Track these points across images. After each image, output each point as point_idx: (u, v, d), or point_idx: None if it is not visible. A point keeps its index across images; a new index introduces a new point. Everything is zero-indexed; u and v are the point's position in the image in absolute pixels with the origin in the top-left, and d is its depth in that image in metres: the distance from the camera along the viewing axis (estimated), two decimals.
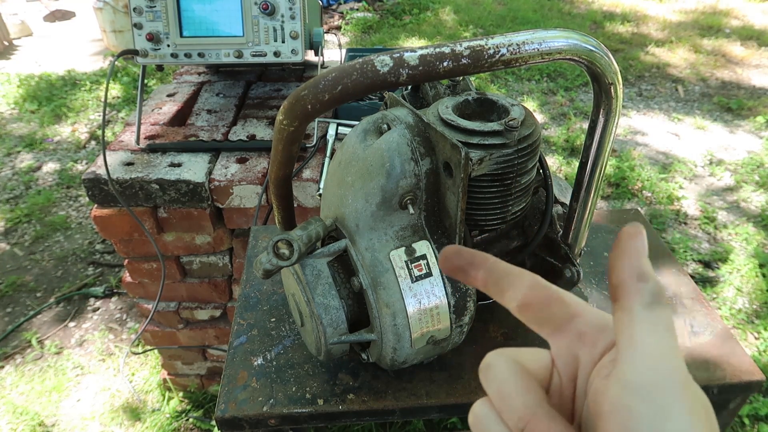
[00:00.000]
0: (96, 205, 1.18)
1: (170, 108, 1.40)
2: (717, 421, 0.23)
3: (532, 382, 0.26)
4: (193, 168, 1.15)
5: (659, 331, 0.23)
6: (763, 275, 2.03)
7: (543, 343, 0.28)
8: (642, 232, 0.24)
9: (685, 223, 2.33)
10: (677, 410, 0.21)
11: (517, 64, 0.46)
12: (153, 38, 1.16)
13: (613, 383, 0.23)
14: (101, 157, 1.12)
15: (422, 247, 0.55)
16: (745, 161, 2.70)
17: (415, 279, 0.54)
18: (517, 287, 0.27)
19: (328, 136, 1.24)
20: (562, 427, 0.23)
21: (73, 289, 2.04)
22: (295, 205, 0.75)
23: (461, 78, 0.70)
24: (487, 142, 0.55)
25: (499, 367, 0.26)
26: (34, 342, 1.83)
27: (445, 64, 0.44)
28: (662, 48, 3.93)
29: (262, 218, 1.19)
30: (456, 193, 0.52)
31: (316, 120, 1.27)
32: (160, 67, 1.27)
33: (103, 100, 2.26)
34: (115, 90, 3.37)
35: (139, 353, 1.75)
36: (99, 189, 1.14)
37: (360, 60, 0.44)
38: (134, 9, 1.15)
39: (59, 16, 4.65)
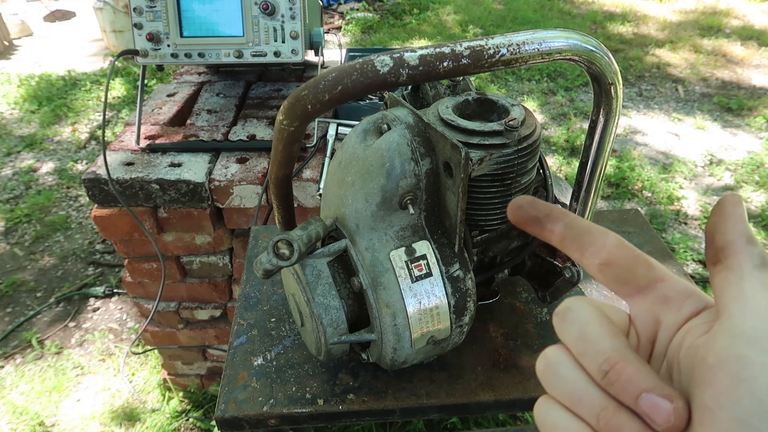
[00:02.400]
0: (96, 205, 1.18)
1: (170, 108, 1.40)
2: None
3: (616, 327, 0.25)
4: (193, 168, 1.15)
5: None
6: None
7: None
8: (742, 201, 0.25)
9: (685, 223, 2.33)
10: None
11: (517, 64, 0.46)
12: (153, 38, 1.16)
13: (720, 336, 0.22)
14: (101, 157, 1.12)
15: (422, 247, 0.55)
16: (745, 161, 2.70)
17: (415, 279, 0.54)
18: (601, 244, 0.26)
19: (328, 136, 1.24)
20: (649, 371, 0.23)
21: (73, 289, 2.04)
22: (295, 205, 0.75)
23: (461, 78, 0.70)
24: (487, 142, 0.55)
25: (582, 310, 0.25)
26: (34, 342, 1.83)
27: (445, 64, 0.44)
28: (662, 48, 3.93)
29: (262, 218, 1.19)
30: (456, 193, 0.52)
31: (316, 120, 1.27)
32: (160, 67, 1.27)
33: (103, 100, 2.26)
34: (115, 90, 3.37)
35: (139, 353, 1.75)
36: (99, 189, 1.14)
37: (360, 60, 0.44)
38: (134, 9, 1.15)
39: (59, 16, 4.65)
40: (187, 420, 1.58)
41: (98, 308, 1.99)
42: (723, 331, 0.22)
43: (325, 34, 1.58)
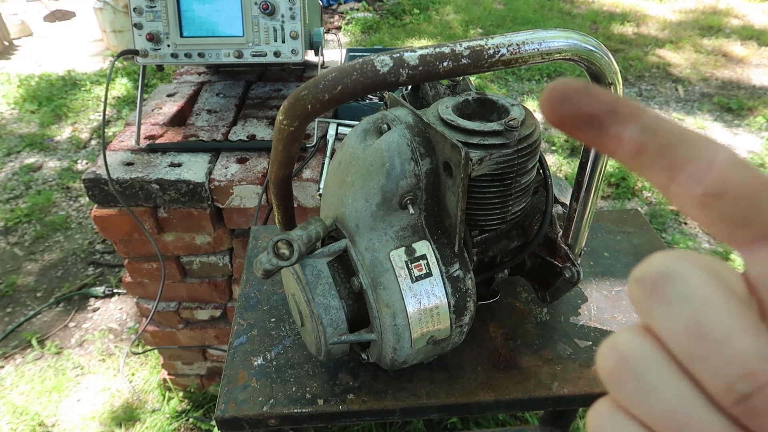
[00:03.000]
0: (96, 205, 1.18)
1: (170, 108, 1.40)
2: None
3: (757, 316, 0.15)
4: (193, 168, 1.15)
5: None
6: None
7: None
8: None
9: (685, 223, 2.33)
10: None
11: (517, 64, 0.46)
12: (153, 38, 1.16)
13: None
14: (101, 157, 1.12)
15: (422, 247, 0.55)
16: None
17: (415, 279, 0.54)
18: (708, 162, 0.16)
19: (328, 136, 1.24)
20: None
21: (73, 289, 2.04)
22: (295, 205, 0.75)
23: (461, 78, 0.70)
24: (487, 142, 0.55)
25: (696, 279, 0.16)
26: (34, 342, 1.83)
27: (445, 64, 0.44)
28: (662, 48, 3.93)
29: (262, 218, 1.19)
30: (456, 193, 0.52)
31: (316, 120, 1.27)
32: (160, 67, 1.27)
33: (103, 100, 2.26)
34: (115, 90, 3.37)
35: (139, 353, 1.75)
36: (99, 189, 1.14)
37: (360, 60, 0.44)
38: (134, 9, 1.15)
39: (59, 16, 4.65)
40: (187, 420, 1.58)
41: (98, 308, 1.99)
42: None
43: (325, 34, 1.58)
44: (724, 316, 0.15)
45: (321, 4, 1.50)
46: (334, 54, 1.68)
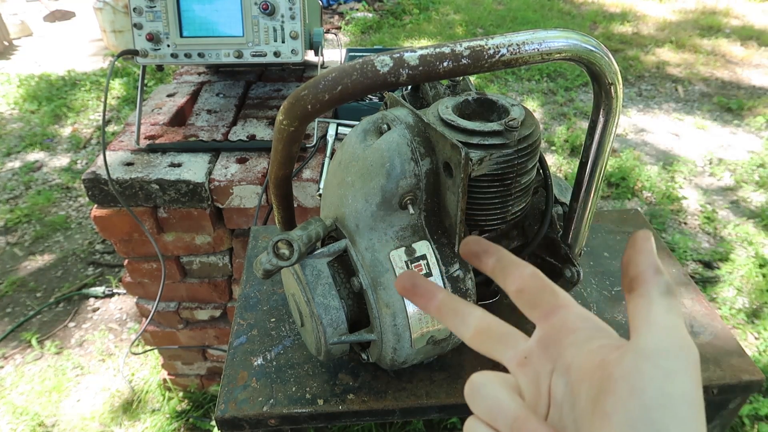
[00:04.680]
0: (96, 205, 1.18)
1: (170, 108, 1.40)
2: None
3: (517, 395, 0.29)
4: (193, 168, 1.15)
5: (673, 313, 0.26)
6: (763, 275, 2.03)
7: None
8: (652, 236, 0.29)
9: (685, 223, 2.33)
10: (682, 374, 0.24)
11: (517, 64, 0.46)
12: (153, 38, 1.16)
13: (628, 353, 0.25)
14: (101, 157, 1.12)
15: (422, 247, 0.55)
16: (745, 161, 2.70)
17: None
18: (519, 275, 0.31)
19: (328, 136, 1.24)
20: (547, 427, 0.27)
21: (73, 289, 2.04)
22: (295, 205, 0.75)
23: (461, 78, 0.70)
24: (487, 142, 0.55)
25: (488, 385, 0.30)
26: (34, 342, 1.83)
27: (445, 64, 0.44)
28: (662, 48, 3.93)
29: (262, 218, 1.19)
30: (456, 193, 0.52)
31: (316, 120, 1.27)
32: (160, 67, 1.27)
33: (103, 100, 2.26)
34: (115, 90, 3.37)
35: (139, 353, 1.75)
36: (99, 189, 1.14)
37: (360, 60, 0.44)
38: (134, 9, 1.15)
39: (59, 16, 4.66)
40: (187, 420, 1.58)
41: (98, 308, 1.99)
42: (630, 350, 0.25)
43: (325, 34, 1.58)
44: (503, 399, 0.29)
45: (321, 4, 1.50)
46: (334, 54, 1.68)
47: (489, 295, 0.74)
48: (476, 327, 0.32)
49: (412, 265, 0.54)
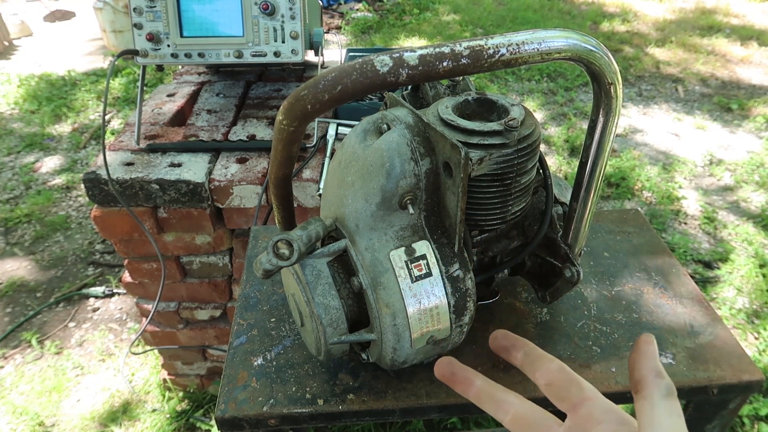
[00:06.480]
0: (96, 205, 1.18)
1: (170, 108, 1.40)
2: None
3: None
4: (193, 168, 1.15)
5: (674, 415, 0.30)
6: (763, 275, 2.03)
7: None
8: (654, 339, 0.33)
9: (685, 223, 2.33)
10: None
11: (517, 64, 0.46)
12: (153, 38, 1.16)
13: None
14: (101, 157, 1.12)
15: (422, 247, 0.55)
16: (745, 161, 2.70)
17: (415, 279, 0.54)
18: (547, 369, 0.35)
19: (328, 136, 1.24)
20: None
21: (73, 289, 2.04)
22: (295, 205, 0.75)
23: (461, 78, 0.70)
24: (486, 142, 0.55)
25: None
26: (34, 342, 1.83)
27: (444, 64, 0.44)
28: (662, 48, 3.93)
29: (262, 218, 1.19)
30: (456, 193, 0.52)
31: (316, 120, 1.27)
32: (160, 67, 1.27)
33: (103, 100, 2.26)
34: (115, 90, 3.37)
35: (139, 353, 1.75)
36: (99, 189, 1.14)
37: (360, 60, 0.43)
38: (134, 9, 1.15)
39: (59, 16, 4.66)
40: (187, 420, 1.58)
41: (98, 308, 1.99)
42: None
43: (325, 34, 1.58)
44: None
45: (321, 4, 1.50)
46: (334, 54, 1.68)
47: (489, 295, 0.74)
48: (514, 414, 0.35)
49: (412, 265, 0.54)
